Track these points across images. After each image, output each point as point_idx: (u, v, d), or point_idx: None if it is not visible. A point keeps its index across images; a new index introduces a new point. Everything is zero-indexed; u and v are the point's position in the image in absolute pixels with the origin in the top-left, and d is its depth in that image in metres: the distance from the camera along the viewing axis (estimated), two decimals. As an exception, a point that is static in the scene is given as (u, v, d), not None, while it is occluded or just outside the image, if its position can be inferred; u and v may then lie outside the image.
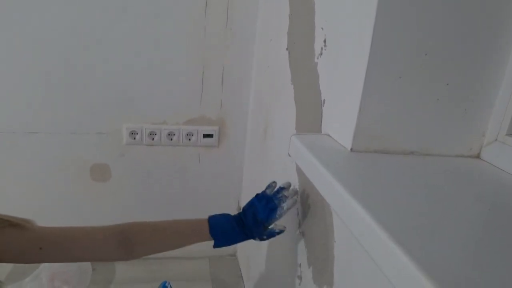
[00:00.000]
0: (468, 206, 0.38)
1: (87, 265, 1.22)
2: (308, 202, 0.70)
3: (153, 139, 1.20)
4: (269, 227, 0.70)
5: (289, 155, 0.56)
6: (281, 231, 0.71)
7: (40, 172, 1.19)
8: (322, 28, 0.64)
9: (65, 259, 0.67)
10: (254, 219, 0.69)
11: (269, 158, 0.99)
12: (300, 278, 0.74)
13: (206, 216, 0.73)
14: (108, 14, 1.05)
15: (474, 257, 0.30)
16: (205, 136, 1.23)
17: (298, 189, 0.72)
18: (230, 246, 0.74)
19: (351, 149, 0.49)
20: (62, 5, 1.02)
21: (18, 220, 0.62)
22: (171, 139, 1.21)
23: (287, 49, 0.84)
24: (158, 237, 0.71)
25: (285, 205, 0.67)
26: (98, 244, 0.67)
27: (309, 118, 0.70)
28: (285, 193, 0.70)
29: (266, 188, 0.72)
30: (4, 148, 1.14)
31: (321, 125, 0.63)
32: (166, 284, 1.14)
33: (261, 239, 0.71)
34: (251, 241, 0.73)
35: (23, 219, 0.63)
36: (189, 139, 1.23)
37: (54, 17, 1.03)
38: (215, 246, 0.72)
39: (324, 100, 0.63)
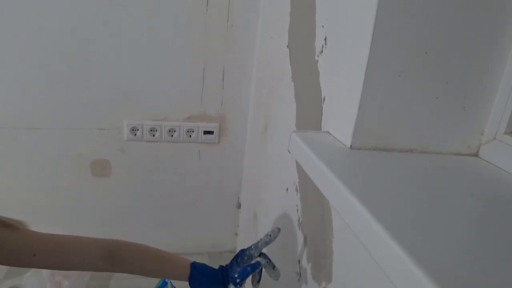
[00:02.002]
0: (466, 203, 0.39)
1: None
2: (307, 199, 0.71)
3: (153, 135, 1.21)
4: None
5: (289, 151, 0.56)
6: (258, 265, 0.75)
7: (40, 168, 1.20)
8: (322, 26, 0.64)
9: (56, 267, 0.69)
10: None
11: (269, 154, 1.00)
12: (299, 274, 0.75)
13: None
14: (108, 10, 1.05)
15: (472, 254, 0.30)
16: (206, 132, 1.24)
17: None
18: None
19: (351, 146, 0.50)
20: (63, 0, 1.02)
21: (11, 221, 0.62)
22: (172, 135, 1.22)
23: (287, 46, 0.85)
24: (140, 264, 0.75)
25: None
26: (88, 256, 0.70)
27: (309, 115, 0.70)
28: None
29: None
30: (5, 143, 1.15)
31: (321, 122, 0.64)
32: (166, 280, 1.14)
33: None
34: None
35: (16, 220, 0.63)
36: (190, 136, 1.23)
37: (55, 13, 1.03)
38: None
39: (324, 97, 0.63)
